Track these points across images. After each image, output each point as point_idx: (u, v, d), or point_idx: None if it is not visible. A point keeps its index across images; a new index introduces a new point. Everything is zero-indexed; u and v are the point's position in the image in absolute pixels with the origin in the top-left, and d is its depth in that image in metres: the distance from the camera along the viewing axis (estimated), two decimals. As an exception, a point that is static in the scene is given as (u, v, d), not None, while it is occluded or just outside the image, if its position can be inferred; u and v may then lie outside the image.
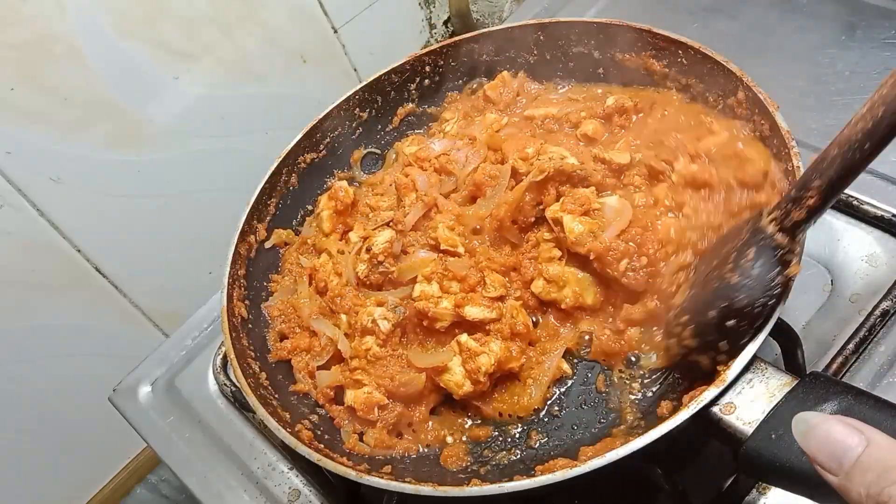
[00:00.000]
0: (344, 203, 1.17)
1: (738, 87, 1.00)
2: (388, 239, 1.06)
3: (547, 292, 0.99)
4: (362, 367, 0.99)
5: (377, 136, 1.35)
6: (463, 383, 0.93)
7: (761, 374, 0.72)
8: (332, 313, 1.07)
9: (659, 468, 0.87)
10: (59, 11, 1.49)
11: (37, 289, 1.72)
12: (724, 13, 1.51)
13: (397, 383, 0.96)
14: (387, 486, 0.80)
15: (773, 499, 0.90)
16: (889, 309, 1.00)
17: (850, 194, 1.12)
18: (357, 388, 0.97)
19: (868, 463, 0.53)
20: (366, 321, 1.00)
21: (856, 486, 0.53)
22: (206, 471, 1.16)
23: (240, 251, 1.12)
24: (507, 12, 2.31)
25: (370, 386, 0.97)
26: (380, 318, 1.00)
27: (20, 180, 1.58)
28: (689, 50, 1.08)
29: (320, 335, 1.05)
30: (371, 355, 0.99)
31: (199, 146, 1.86)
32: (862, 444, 0.54)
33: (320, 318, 1.07)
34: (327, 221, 1.17)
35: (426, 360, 0.97)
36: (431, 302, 0.97)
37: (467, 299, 0.97)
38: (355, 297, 1.05)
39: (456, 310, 0.97)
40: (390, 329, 1.00)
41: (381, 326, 0.99)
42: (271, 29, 1.88)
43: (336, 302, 1.06)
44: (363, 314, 1.01)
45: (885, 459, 0.52)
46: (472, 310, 0.97)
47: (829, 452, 0.55)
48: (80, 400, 1.91)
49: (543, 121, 1.20)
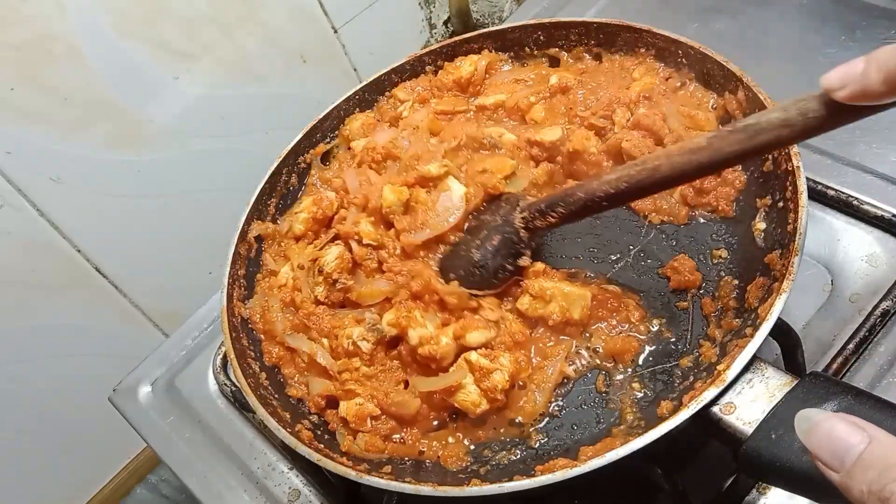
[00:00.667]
0: (325, 214, 1.13)
1: (739, 87, 1.00)
2: (336, 256, 1.03)
3: (533, 309, 0.96)
4: (355, 379, 0.96)
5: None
6: (480, 402, 0.90)
7: (761, 374, 0.72)
8: (307, 329, 1.03)
9: (659, 468, 0.87)
10: (59, 11, 1.49)
11: (37, 289, 1.72)
12: (724, 13, 1.51)
13: (390, 402, 0.93)
14: (386, 485, 0.80)
15: (773, 499, 0.90)
16: (889, 309, 1.00)
17: (850, 194, 1.12)
18: (349, 399, 0.95)
19: (870, 460, 0.53)
20: (346, 345, 0.98)
21: (857, 484, 0.52)
22: (206, 471, 1.16)
23: (240, 251, 1.12)
24: (507, 12, 2.31)
25: (363, 397, 0.95)
26: (359, 339, 0.98)
27: (20, 180, 1.58)
28: (690, 50, 1.08)
29: (300, 352, 1.03)
30: (362, 375, 0.97)
31: (199, 146, 1.86)
32: (864, 441, 0.53)
33: (294, 335, 1.03)
34: (302, 224, 1.13)
35: (435, 384, 0.91)
36: (433, 343, 0.92)
37: (465, 326, 0.93)
38: (332, 319, 1.02)
39: (457, 341, 0.93)
40: (372, 349, 0.98)
41: (363, 348, 0.97)
42: (271, 29, 1.88)
43: (312, 320, 1.03)
44: (342, 338, 0.99)
45: (887, 457, 0.52)
46: (475, 335, 0.92)
47: (831, 450, 0.55)
48: (80, 400, 1.91)
49: (496, 110, 1.20)
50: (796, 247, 0.80)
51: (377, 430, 0.93)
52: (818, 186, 1.13)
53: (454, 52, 1.30)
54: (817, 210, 1.13)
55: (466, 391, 0.90)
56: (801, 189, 0.85)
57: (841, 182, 1.14)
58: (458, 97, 1.26)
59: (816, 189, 1.13)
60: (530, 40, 1.27)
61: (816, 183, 1.13)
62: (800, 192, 0.85)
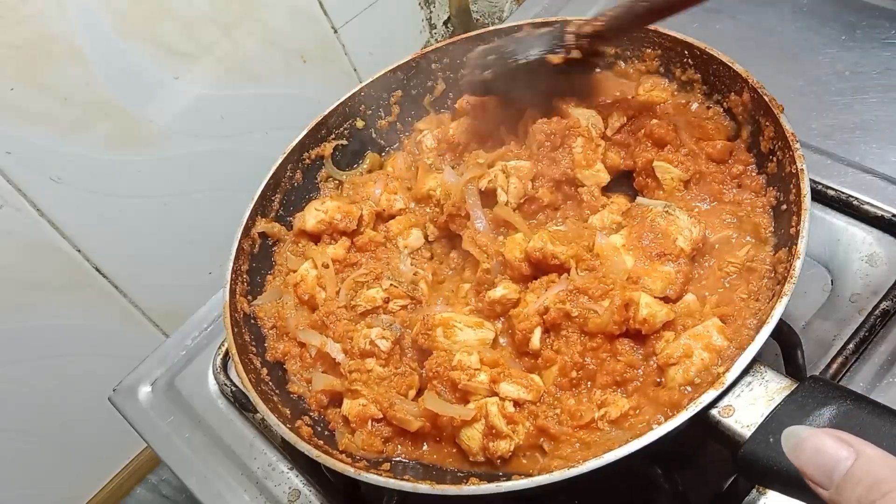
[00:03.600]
0: (348, 228, 1.14)
1: (744, 88, 1.00)
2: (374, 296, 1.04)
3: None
4: (363, 381, 0.95)
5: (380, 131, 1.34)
6: (478, 453, 0.86)
7: (760, 378, 0.72)
8: (324, 327, 1.03)
9: (659, 468, 0.87)
10: (59, 11, 1.49)
11: (37, 289, 1.72)
12: (724, 13, 1.51)
13: (393, 413, 0.91)
14: (385, 483, 0.80)
15: (773, 499, 0.90)
16: (889, 309, 0.99)
17: (850, 194, 1.12)
18: (353, 399, 0.95)
19: (858, 476, 0.52)
20: (363, 344, 0.97)
21: (846, 500, 0.52)
22: (206, 471, 1.16)
23: (243, 247, 1.12)
24: (507, 12, 2.31)
25: (367, 398, 0.94)
26: (377, 337, 0.97)
27: (20, 180, 1.58)
28: (695, 50, 1.08)
29: (309, 347, 1.03)
30: (375, 377, 0.96)
31: (200, 146, 1.86)
32: (851, 456, 0.53)
33: (307, 330, 1.04)
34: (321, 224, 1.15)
35: (445, 410, 0.87)
36: (466, 374, 0.88)
37: (504, 374, 0.89)
38: (347, 324, 1.02)
39: (491, 385, 0.88)
40: (391, 347, 0.97)
41: (381, 346, 0.97)
42: (271, 29, 1.88)
43: (330, 319, 1.03)
44: (359, 338, 0.98)
45: (876, 472, 0.52)
46: (508, 387, 0.87)
47: (819, 466, 0.55)
48: (80, 400, 1.91)
49: None
50: (798, 250, 0.80)
51: (377, 433, 0.93)
52: (818, 186, 1.13)
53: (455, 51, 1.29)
54: (817, 210, 1.13)
55: (471, 434, 0.86)
56: (805, 192, 0.85)
57: (841, 182, 1.14)
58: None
59: (817, 189, 1.13)
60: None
61: (817, 183, 1.13)
62: (803, 195, 0.85)
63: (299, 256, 1.15)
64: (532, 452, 0.86)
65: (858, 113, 1.24)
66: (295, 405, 0.99)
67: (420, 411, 0.90)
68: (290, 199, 1.22)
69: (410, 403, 0.93)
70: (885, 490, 0.50)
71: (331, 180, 1.28)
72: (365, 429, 0.93)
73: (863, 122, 1.23)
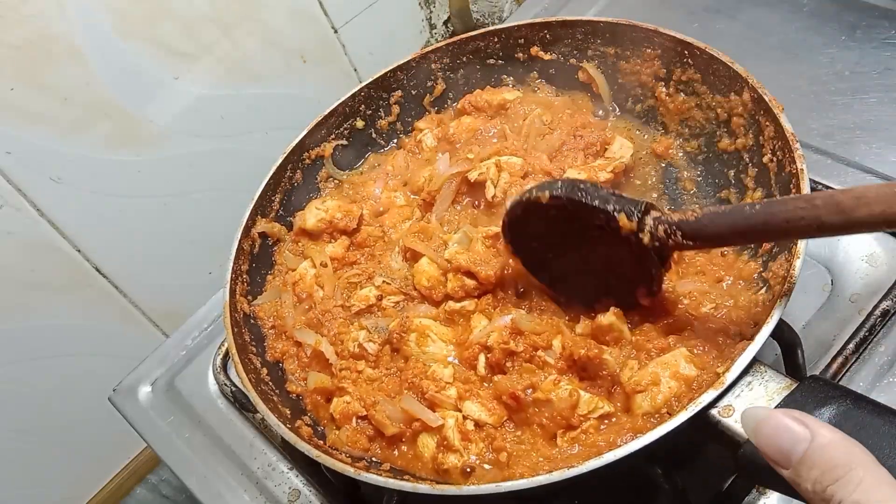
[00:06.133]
0: (348, 227, 1.15)
1: (744, 88, 1.00)
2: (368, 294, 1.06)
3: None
4: (352, 380, 0.97)
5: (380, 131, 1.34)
6: (428, 462, 0.88)
7: (760, 377, 0.72)
8: (319, 325, 1.05)
9: (659, 468, 0.87)
10: (59, 11, 1.49)
11: (37, 289, 1.72)
12: (724, 13, 1.51)
13: (372, 413, 0.92)
14: (385, 483, 0.80)
15: (773, 499, 0.90)
16: (889, 309, 0.99)
17: (850, 194, 1.11)
18: (340, 396, 0.96)
19: (813, 459, 0.53)
20: (352, 347, 0.99)
21: (803, 482, 0.53)
22: (206, 471, 1.16)
23: (243, 246, 1.12)
24: (507, 12, 2.31)
25: (352, 396, 0.95)
26: (365, 340, 0.99)
27: (20, 180, 1.58)
28: (695, 50, 1.07)
29: (305, 346, 1.04)
30: (365, 378, 0.97)
31: (199, 146, 1.86)
32: (807, 438, 0.54)
33: (303, 329, 1.05)
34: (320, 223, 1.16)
35: (416, 411, 0.90)
36: (436, 385, 0.91)
37: (472, 394, 0.90)
38: (343, 323, 1.03)
39: (457, 401, 0.90)
40: (378, 349, 0.99)
41: (369, 349, 0.98)
42: (271, 29, 1.88)
43: (326, 317, 1.04)
44: (348, 341, 1.00)
45: (831, 457, 0.52)
46: (472, 406, 0.89)
47: (777, 447, 0.56)
48: (80, 400, 1.91)
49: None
50: (798, 250, 0.80)
51: (362, 430, 0.94)
52: (818, 186, 1.13)
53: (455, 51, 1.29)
54: (817, 210, 1.13)
55: (426, 442, 0.89)
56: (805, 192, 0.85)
57: (841, 182, 1.14)
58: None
59: (817, 189, 1.13)
60: (536, 39, 1.26)
61: (817, 183, 1.13)
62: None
63: (299, 256, 1.16)
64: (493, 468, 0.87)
65: (858, 113, 1.24)
66: (295, 405, 1.00)
67: (399, 413, 0.92)
68: (290, 198, 1.23)
69: (393, 406, 0.93)
70: (839, 475, 0.51)
71: (331, 180, 1.28)
72: (350, 425, 0.94)
73: (863, 122, 1.23)
